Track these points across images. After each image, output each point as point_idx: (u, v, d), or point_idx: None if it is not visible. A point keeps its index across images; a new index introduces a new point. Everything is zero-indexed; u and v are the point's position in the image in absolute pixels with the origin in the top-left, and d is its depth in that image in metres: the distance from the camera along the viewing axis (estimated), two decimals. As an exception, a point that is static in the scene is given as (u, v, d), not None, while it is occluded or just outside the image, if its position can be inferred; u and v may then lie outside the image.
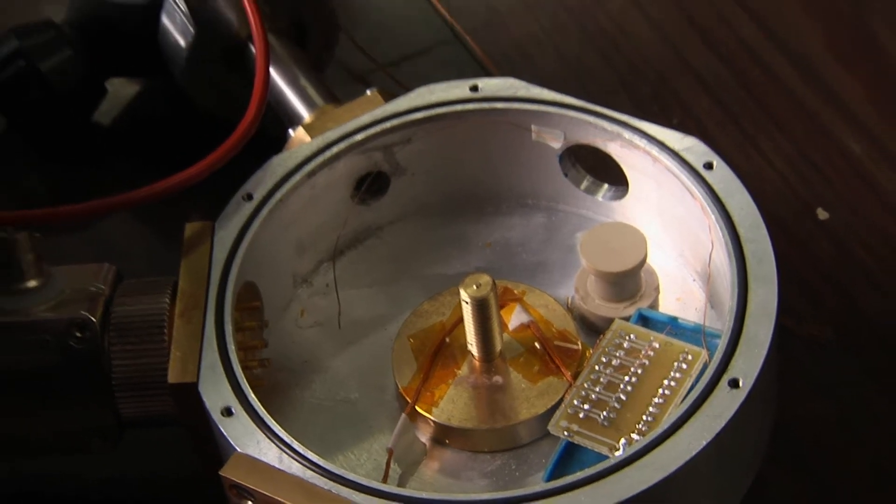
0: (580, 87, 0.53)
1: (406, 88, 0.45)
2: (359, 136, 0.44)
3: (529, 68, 0.54)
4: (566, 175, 0.45)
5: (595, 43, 0.54)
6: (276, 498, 0.36)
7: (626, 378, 0.39)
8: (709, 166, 0.41)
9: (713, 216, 0.40)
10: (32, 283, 0.40)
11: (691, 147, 0.42)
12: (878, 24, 0.52)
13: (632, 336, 0.40)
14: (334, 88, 0.48)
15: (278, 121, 0.47)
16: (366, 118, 0.44)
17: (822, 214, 0.48)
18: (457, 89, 0.45)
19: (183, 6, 0.47)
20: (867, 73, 0.51)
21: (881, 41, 0.52)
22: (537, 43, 0.55)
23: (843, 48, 0.51)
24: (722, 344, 0.37)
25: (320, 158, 0.44)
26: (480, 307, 0.40)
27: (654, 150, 0.42)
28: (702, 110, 0.51)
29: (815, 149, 0.49)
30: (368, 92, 0.46)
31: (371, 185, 0.45)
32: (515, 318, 0.42)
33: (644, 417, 0.38)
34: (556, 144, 0.44)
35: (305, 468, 0.36)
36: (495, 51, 0.54)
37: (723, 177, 0.41)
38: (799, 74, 0.51)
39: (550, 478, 0.38)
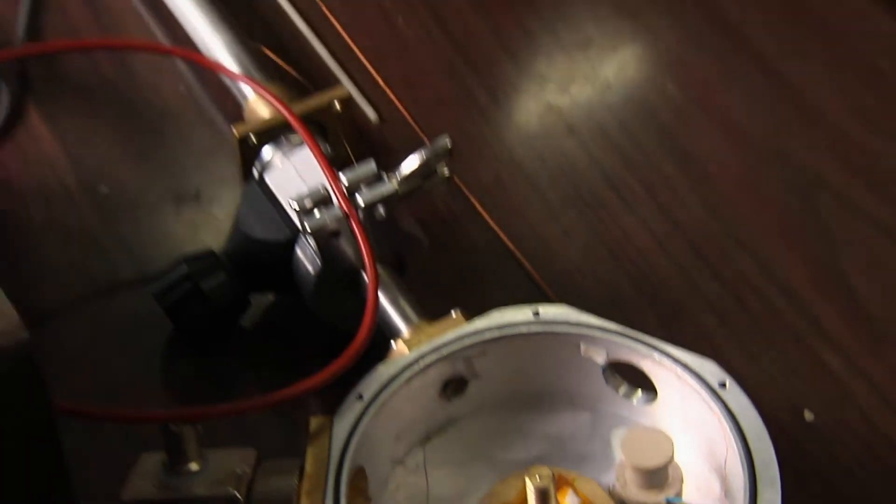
0: (613, 306, 0.52)
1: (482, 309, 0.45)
2: (445, 351, 0.44)
3: (574, 289, 0.53)
4: (607, 382, 0.45)
5: (626, 271, 0.54)
6: None
7: (659, 556, 0.38)
8: (723, 385, 0.41)
9: (727, 426, 0.40)
10: (194, 467, 0.40)
11: (709, 369, 0.42)
12: (847, 264, 0.52)
13: (662, 520, 0.39)
14: (426, 304, 0.48)
15: (382, 334, 0.47)
16: (451, 335, 0.45)
17: (808, 416, 0.47)
18: (522, 314, 0.45)
19: (312, 244, 0.48)
20: (841, 303, 0.51)
21: (850, 279, 0.52)
22: (579, 269, 0.55)
23: (821, 283, 0.52)
24: (738, 534, 0.37)
25: (416, 367, 0.44)
26: (542, 494, 0.39)
27: (679, 370, 0.42)
28: (711, 328, 0.51)
29: (801, 363, 0.49)
30: (453, 313, 0.46)
31: (454, 387, 0.45)
32: (569, 500, 0.41)
33: (674, 591, 0.37)
34: (600, 360, 0.44)
35: None
36: (547, 274, 0.54)
37: (734, 394, 0.41)
38: (787, 302, 0.51)
39: None
